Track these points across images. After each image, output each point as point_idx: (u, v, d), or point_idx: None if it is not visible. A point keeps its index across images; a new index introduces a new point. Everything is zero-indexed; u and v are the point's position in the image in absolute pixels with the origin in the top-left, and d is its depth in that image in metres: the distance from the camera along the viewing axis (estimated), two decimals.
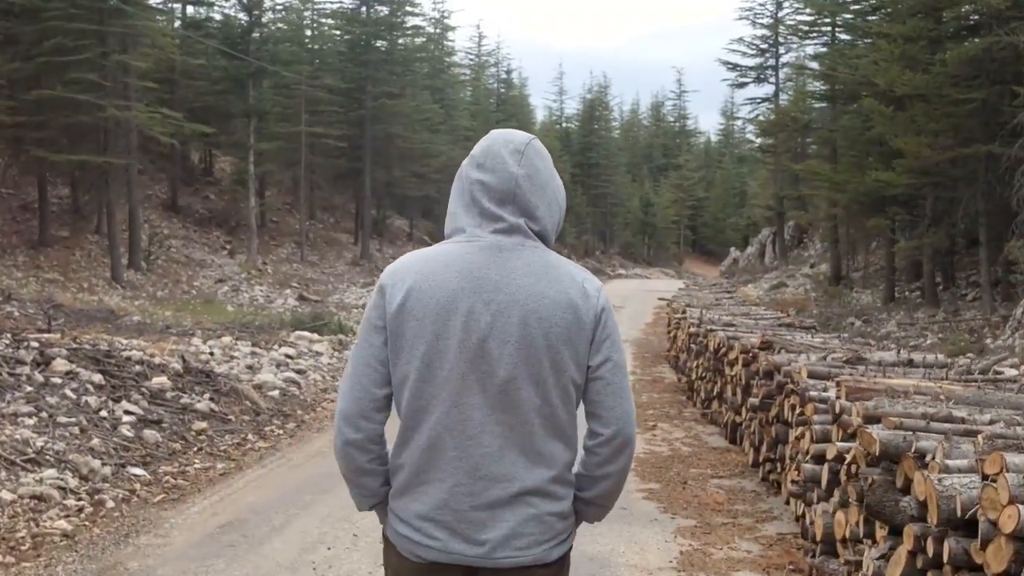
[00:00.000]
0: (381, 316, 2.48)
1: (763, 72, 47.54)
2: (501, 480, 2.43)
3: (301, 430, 10.91)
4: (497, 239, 2.48)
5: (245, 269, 31.19)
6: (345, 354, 16.84)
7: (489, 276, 2.44)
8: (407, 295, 2.44)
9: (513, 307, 2.42)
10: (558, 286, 2.46)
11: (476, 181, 2.53)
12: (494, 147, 2.55)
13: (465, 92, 57.97)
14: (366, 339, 2.51)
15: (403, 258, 2.59)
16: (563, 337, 2.43)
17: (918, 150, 20.74)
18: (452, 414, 2.43)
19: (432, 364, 2.43)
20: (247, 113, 32.49)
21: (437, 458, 2.45)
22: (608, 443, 2.52)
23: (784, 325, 11.91)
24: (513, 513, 2.44)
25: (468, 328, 2.41)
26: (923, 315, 23.02)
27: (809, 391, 6.38)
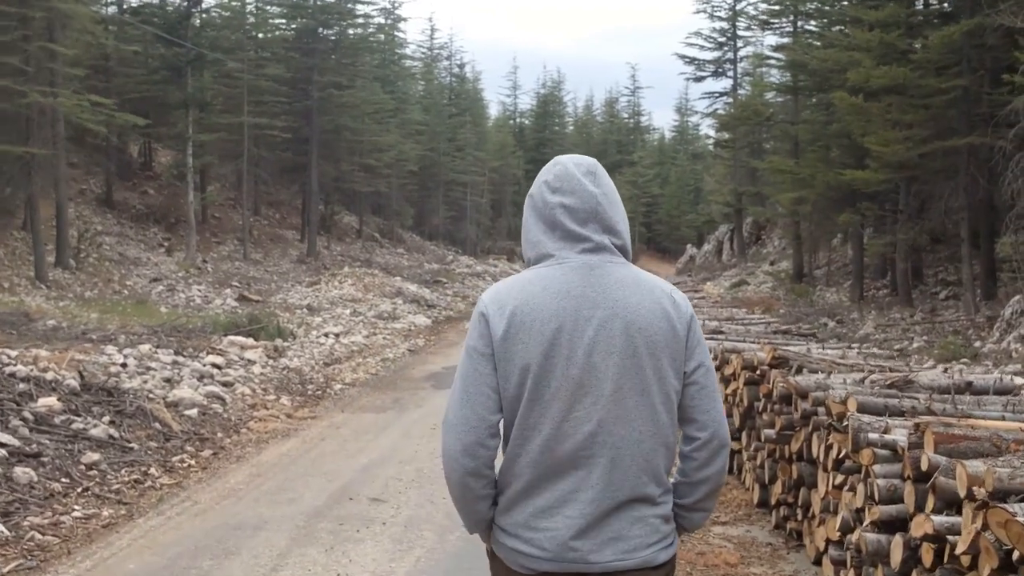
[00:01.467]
0: (488, 344, 2.50)
1: (721, 66, 46.22)
2: (611, 488, 2.46)
3: (218, 459, 9.13)
4: (586, 258, 2.54)
5: (183, 267, 29.18)
6: (282, 362, 15.06)
7: (586, 293, 2.50)
8: (510, 321, 2.47)
9: (614, 320, 2.47)
10: (651, 297, 2.52)
11: (557, 204, 2.59)
12: (568, 171, 2.62)
13: (417, 86, 56.11)
14: (475, 368, 2.50)
15: (498, 285, 2.61)
16: (662, 345, 2.50)
17: (893, 145, 19.31)
18: (563, 428, 2.46)
19: (540, 384, 2.47)
20: (186, 103, 30.41)
21: (548, 472, 2.48)
22: (706, 446, 2.56)
23: (780, 332, 10.31)
24: (621, 519, 2.47)
25: (573, 345, 2.46)
26: (899, 315, 21.63)
27: (866, 432, 4.75)
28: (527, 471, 2.49)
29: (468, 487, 2.54)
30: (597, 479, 2.45)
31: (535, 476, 2.48)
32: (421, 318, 24.97)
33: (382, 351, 18.48)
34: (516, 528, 2.50)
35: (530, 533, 2.48)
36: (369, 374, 15.65)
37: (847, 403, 5.19)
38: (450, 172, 51.91)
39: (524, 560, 2.48)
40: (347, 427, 10.88)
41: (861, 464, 4.78)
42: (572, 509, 2.45)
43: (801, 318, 23.43)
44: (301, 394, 13.19)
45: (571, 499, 2.45)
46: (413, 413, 11.84)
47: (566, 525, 2.45)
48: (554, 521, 2.46)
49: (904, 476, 4.35)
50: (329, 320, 22.73)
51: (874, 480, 4.59)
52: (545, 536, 2.46)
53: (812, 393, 5.89)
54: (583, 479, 2.45)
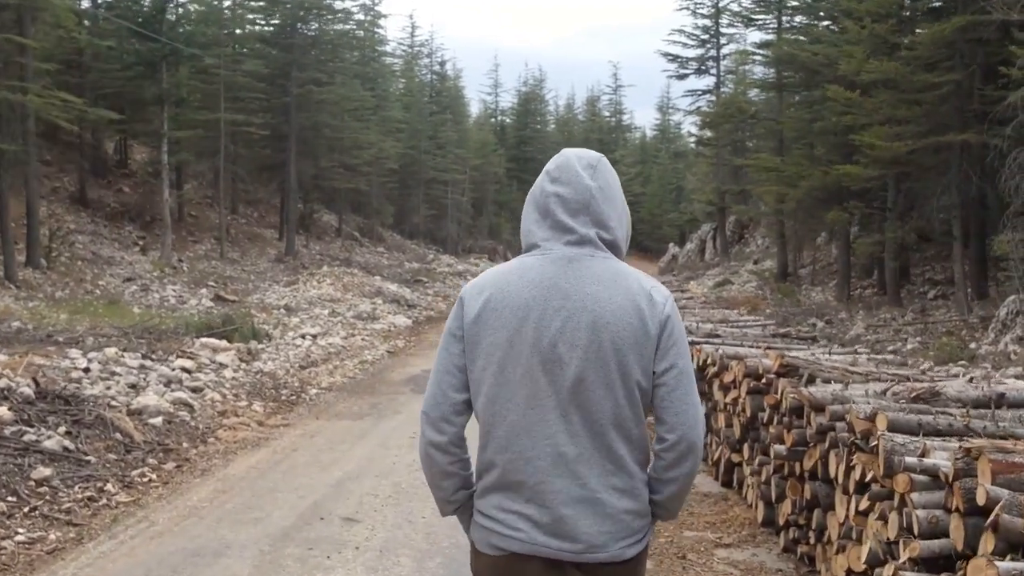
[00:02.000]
0: (460, 326, 2.56)
1: (704, 63, 45.67)
2: (576, 478, 2.47)
3: (181, 472, 8.50)
4: (568, 251, 2.56)
5: (158, 267, 28.42)
6: (255, 365, 14.41)
7: (559, 285, 2.51)
8: (483, 306, 2.53)
9: (582, 313, 2.48)
10: (626, 294, 2.51)
11: (552, 194, 2.61)
12: (568, 162, 2.63)
13: (398, 84, 55.40)
14: (446, 347, 2.58)
15: (484, 273, 2.67)
16: (629, 342, 2.48)
17: (885, 141, 18.80)
18: (528, 415, 2.49)
19: (506, 369, 2.50)
20: (161, 99, 29.62)
21: (515, 458, 2.50)
22: (673, 448, 2.54)
23: (780, 335, 9.75)
24: (590, 511, 2.47)
25: (539, 333, 2.48)
26: (889, 315, 21.14)
27: (901, 454, 4.17)
28: (497, 456, 2.53)
29: (433, 460, 2.60)
30: (563, 469, 2.47)
31: (504, 461, 2.51)
32: (401, 318, 24.34)
33: (360, 353, 17.85)
34: (489, 509, 2.55)
35: (504, 515, 2.51)
36: (346, 378, 15.03)
37: (875, 420, 4.60)
38: (431, 170, 51.20)
39: (495, 539, 2.52)
40: (321, 436, 10.26)
41: (895, 491, 4.21)
42: (541, 497, 2.48)
43: (788, 318, 22.92)
44: (274, 400, 12.55)
45: (539, 487, 2.48)
46: (391, 420, 11.22)
47: (537, 511, 2.48)
48: (526, 506, 2.49)
49: (950, 508, 3.78)
50: (307, 321, 22.07)
51: (912, 510, 4.01)
52: (517, 519, 2.49)
53: (830, 407, 5.31)
54: (549, 468, 2.47)
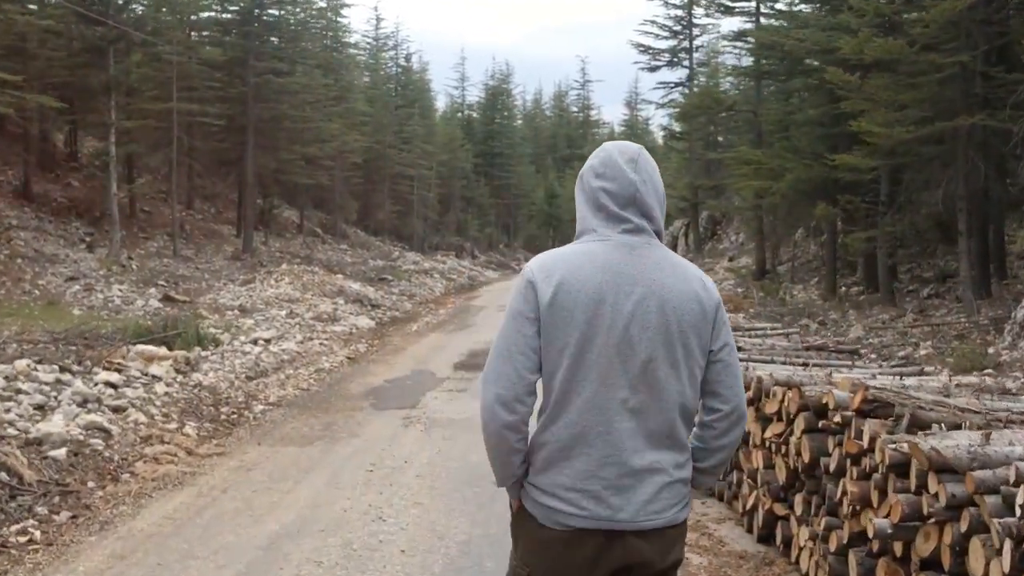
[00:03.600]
0: (534, 309, 2.62)
1: (676, 55, 44.03)
2: (641, 451, 2.60)
3: (75, 527, 6.65)
4: (626, 238, 2.67)
5: (105, 265, 26.36)
6: (194, 377, 12.52)
7: (627, 271, 2.63)
8: (557, 289, 2.61)
9: (651, 298, 2.61)
10: (685, 280, 2.67)
11: (599, 188, 2.71)
12: (611, 157, 2.73)
13: (362, 76, 53.35)
14: (518, 329, 2.62)
15: (545, 256, 2.73)
16: (692, 324, 2.64)
17: (887, 127, 17.19)
18: (600, 393, 2.60)
19: (583, 349, 2.59)
20: (108, 86, 27.53)
21: (585, 433, 2.60)
22: (726, 418, 2.72)
23: (814, 348, 8.01)
24: (651, 481, 2.60)
25: (614, 316, 2.59)
26: (887, 316, 19.56)
27: None
28: (565, 433, 2.61)
29: (504, 439, 2.65)
30: (630, 442, 2.59)
31: (572, 438, 2.61)
32: (364, 320, 22.50)
33: (317, 360, 16.01)
34: (553, 488, 2.61)
35: (567, 492, 2.59)
36: (299, 389, 13.20)
37: None
38: (396, 165, 49.09)
39: (561, 517, 2.60)
40: (260, 469, 8.43)
41: None
42: (607, 471, 2.58)
43: (776, 318, 21.34)
44: (212, 419, 10.70)
45: (606, 461, 2.58)
46: (345, 447, 9.40)
47: (602, 486, 2.58)
48: (589, 483, 2.58)
49: None
50: (262, 323, 20.21)
51: None
52: (582, 496, 2.58)
53: (974, 473, 3.58)
54: (616, 443, 2.59)
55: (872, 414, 4.68)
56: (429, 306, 27.90)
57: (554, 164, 76.60)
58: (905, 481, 4.16)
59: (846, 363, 7.37)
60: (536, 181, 71.27)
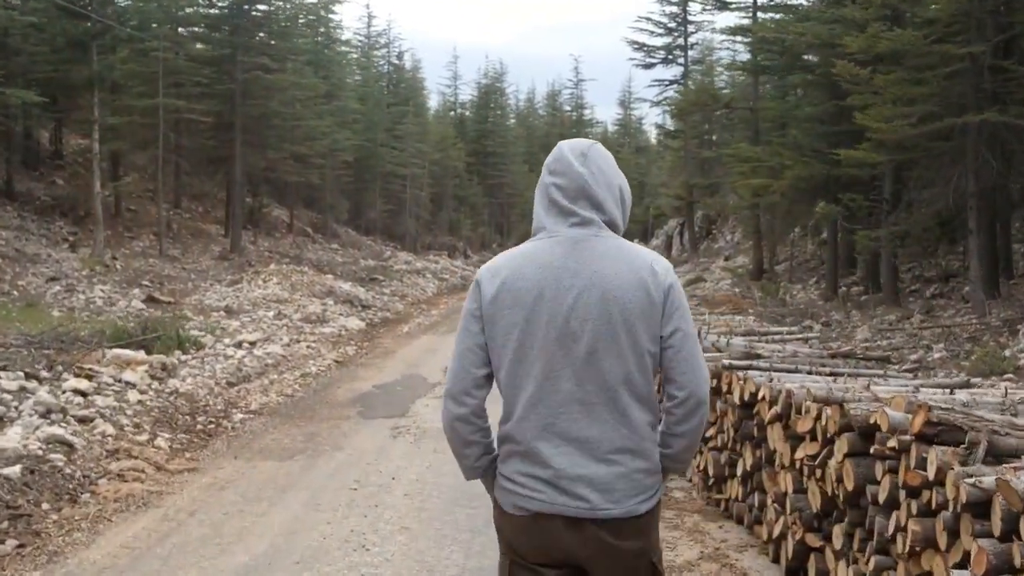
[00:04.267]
0: (479, 307, 2.73)
1: (671, 52, 43.39)
2: (591, 441, 2.64)
3: (20, 559, 5.90)
4: (573, 232, 2.72)
5: (88, 265, 25.58)
6: (171, 384, 11.77)
7: (567, 264, 2.68)
8: (499, 288, 2.70)
9: (591, 289, 2.65)
10: (630, 268, 2.68)
11: (551, 184, 2.78)
12: (562, 153, 2.80)
13: (354, 75, 52.53)
14: (466, 327, 2.75)
15: (497, 256, 2.83)
16: (636, 312, 2.64)
17: (895, 122, 16.50)
18: (544, 387, 2.65)
19: (524, 344, 2.66)
20: (91, 81, 26.71)
21: (534, 426, 2.66)
22: (682, 404, 2.71)
23: (840, 355, 7.29)
24: (605, 471, 2.63)
25: (553, 310, 2.65)
26: (893, 316, 18.88)
27: None
28: (516, 425, 2.69)
29: (456, 431, 2.78)
30: (578, 432, 2.64)
31: (523, 429, 2.68)
32: (354, 321, 21.77)
33: (304, 364, 15.28)
34: (512, 475, 2.71)
35: (524, 479, 2.67)
36: (283, 396, 12.47)
37: None
38: (388, 164, 48.23)
39: (519, 501, 2.69)
40: (234, 488, 7.70)
41: None
42: (559, 459, 2.64)
43: (777, 319, 20.66)
44: (187, 430, 9.96)
45: (558, 449, 2.64)
46: (329, 461, 8.67)
47: (554, 474, 2.63)
48: (543, 471, 2.64)
49: None
50: (248, 324, 19.49)
51: None
52: (537, 482, 2.65)
53: None
54: (565, 432, 2.64)
55: (936, 439, 3.97)
56: (421, 307, 27.17)
57: None
58: (985, 523, 3.45)
59: (877, 372, 6.65)
60: (529, 180, 70.44)
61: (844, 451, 4.66)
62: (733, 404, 6.46)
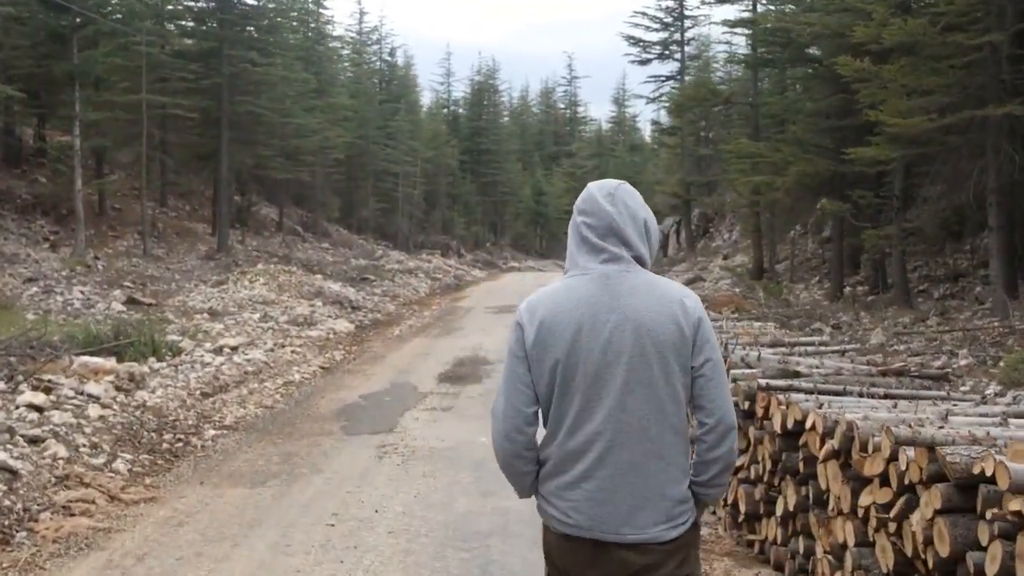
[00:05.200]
0: (521, 348, 2.80)
1: (668, 48, 42.39)
2: (623, 468, 2.70)
3: None
4: (605, 268, 2.81)
5: (69, 265, 24.54)
6: (139, 396, 10.75)
7: (602, 300, 2.77)
8: (539, 328, 2.77)
9: (626, 323, 2.73)
10: (661, 303, 2.77)
11: (582, 223, 2.88)
12: (591, 194, 2.90)
13: (345, 71, 51.44)
14: (512, 368, 2.82)
15: (533, 296, 2.88)
16: (668, 345, 2.72)
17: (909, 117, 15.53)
18: (581, 416, 2.74)
19: (566, 378, 2.75)
20: (71, 76, 25.65)
21: (573, 452, 2.74)
22: (713, 430, 2.78)
23: (892, 372, 6.31)
24: (633, 497, 2.69)
25: (591, 345, 2.73)
26: (907, 319, 17.91)
27: None
28: (555, 452, 2.79)
29: (511, 465, 2.86)
30: (611, 459, 2.71)
31: (561, 456, 2.77)
32: (343, 323, 20.74)
33: (287, 370, 14.27)
34: (550, 496, 2.79)
35: (559, 502, 2.76)
36: (262, 408, 11.47)
37: None
38: (381, 161, 47.12)
39: (554, 524, 2.79)
40: (194, 523, 6.69)
41: None
42: (589, 484, 2.72)
43: (783, 321, 19.70)
44: (151, 450, 8.96)
45: (588, 476, 2.72)
46: (305, 488, 7.66)
47: (584, 498, 2.72)
48: (575, 494, 2.74)
49: None
50: (232, 327, 18.49)
51: None
52: (568, 505, 2.74)
53: None
54: (598, 460, 2.71)
55: None
56: (413, 308, 26.14)
57: (541, 161, 74.85)
58: None
59: (938, 394, 5.68)
60: (523, 178, 69.53)
61: (936, 506, 3.68)
62: (771, 432, 5.47)
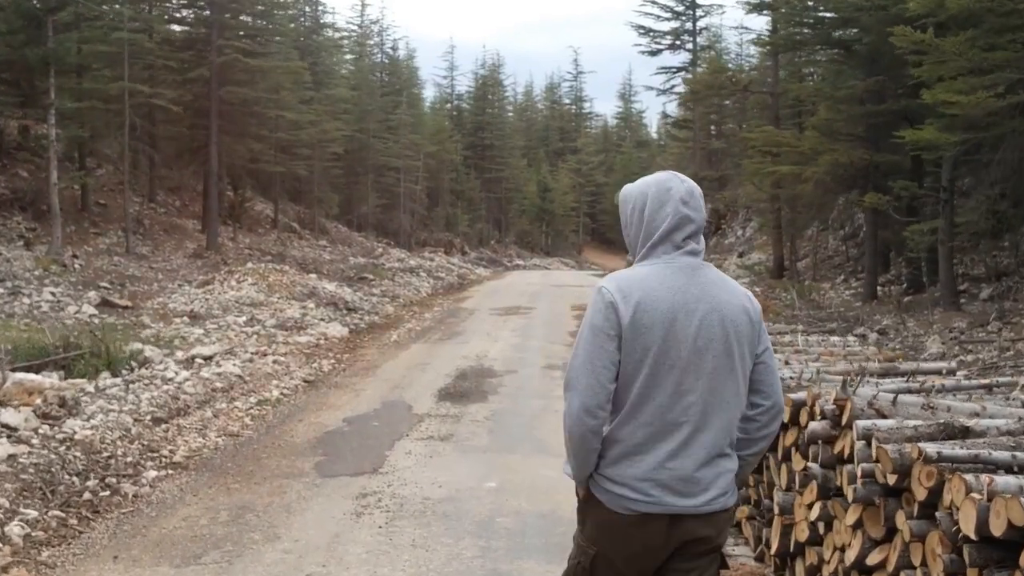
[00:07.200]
0: (615, 327, 2.85)
1: (679, 38, 40.34)
2: (705, 447, 2.86)
3: None
4: (687, 260, 2.92)
5: (43, 264, 22.52)
6: (69, 426, 8.67)
7: (692, 290, 2.88)
8: (636, 309, 2.84)
9: (713, 313, 2.87)
10: (736, 296, 2.95)
11: (686, 214, 2.93)
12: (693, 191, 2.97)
13: (345, 64, 49.39)
14: (600, 345, 2.86)
15: (619, 277, 2.94)
16: (744, 334, 2.91)
17: (974, 94, 13.50)
18: (673, 398, 2.84)
19: (659, 361, 2.84)
20: (46, 61, 23.62)
21: (658, 432, 2.84)
22: (768, 411, 3.01)
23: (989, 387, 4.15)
24: (709, 472, 2.86)
25: (684, 332, 2.84)
26: (962, 324, 15.86)
27: None
28: (640, 432, 2.85)
29: (587, 441, 2.88)
30: (696, 439, 2.84)
31: (647, 436, 2.84)
32: (336, 327, 18.69)
33: (264, 386, 12.22)
34: (624, 478, 2.84)
35: (638, 483, 2.82)
36: (225, 436, 9.43)
37: None
38: (381, 156, 45.02)
39: (630, 504, 2.83)
40: None
41: None
42: (675, 463, 2.83)
43: (812, 322, 17.69)
44: (66, 503, 6.91)
45: (676, 454, 2.83)
46: (252, 567, 5.59)
47: (669, 477, 2.82)
48: (659, 474, 2.82)
49: None
50: (213, 332, 16.52)
51: None
52: (652, 485, 2.82)
53: None
54: (685, 439, 2.84)
55: None
56: (413, 309, 24.08)
57: (546, 157, 72.74)
58: None
59: None
60: (528, 174, 67.44)
61: None
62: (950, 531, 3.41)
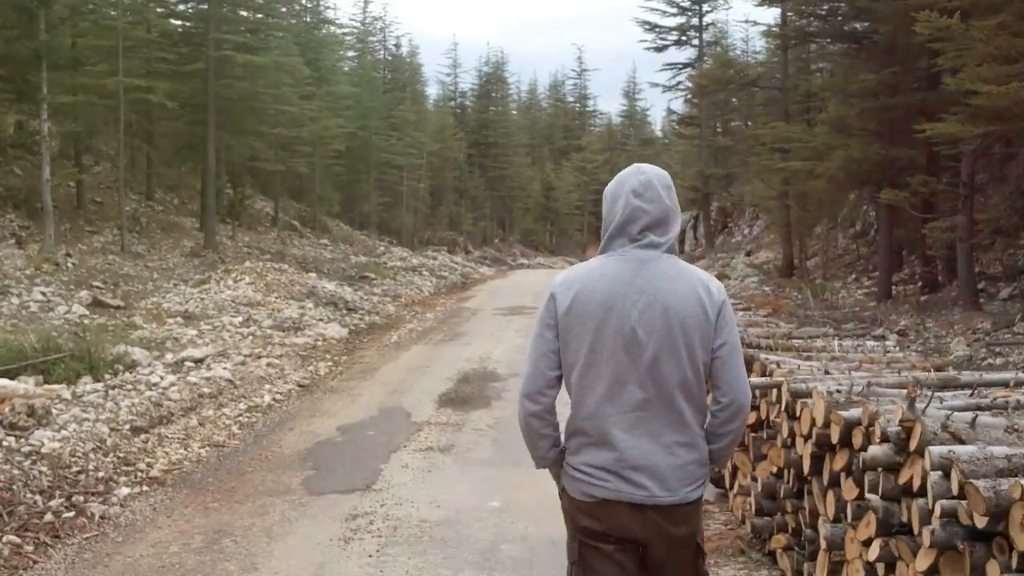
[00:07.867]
0: (552, 316, 2.99)
1: (685, 33, 39.59)
2: (651, 437, 2.92)
3: None
4: (640, 252, 2.98)
5: (34, 263, 21.82)
6: (37, 438, 7.98)
7: (635, 282, 2.95)
8: (573, 300, 2.97)
9: (655, 305, 2.92)
10: (688, 287, 2.96)
11: (639, 206, 2.99)
12: (650, 182, 3.03)
13: (346, 60, 48.66)
14: (540, 334, 3.02)
15: (569, 271, 3.09)
16: (693, 325, 2.92)
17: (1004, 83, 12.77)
18: (612, 388, 2.93)
19: (595, 350, 2.93)
20: (38, 54, 22.92)
21: (603, 423, 2.93)
22: (726, 408, 3.01)
23: None
24: (663, 462, 2.91)
25: (621, 322, 2.92)
26: (986, 325, 15.14)
27: None
28: (586, 422, 2.96)
29: (531, 426, 3.05)
30: (640, 428, 2.91)
31: (591, 426, 2.94)
32: (334, 327, 18.01)
33: (256, 391, 11.54)
34: (581, 466, 2.97)
35: (594, 471, 2.94)
36: (209, 447, 8.75)
37: None
38: (384, 153, 44.29)
39: (588, 489, 2.95)
40: None
41: None
42: (626, 450, 2.90)
43: (825, 322, 16.95)
44: (23, 526, 6.21)
45: (621, 445, 2.90)
46: None
47: (617, 464, 2.90)
48: (611, 463, 2.91)
49: None
50: (207, 333, 15.87)
51: None
52: (605, 473, 2.91)
53: None
54: (629, 428, 2.91)
55: None
56: (415, 309, 23.38)
57: (551, 155, 71.97)
58: None
59: None
60: (532, 173, 66.70)
61: None
62: None
